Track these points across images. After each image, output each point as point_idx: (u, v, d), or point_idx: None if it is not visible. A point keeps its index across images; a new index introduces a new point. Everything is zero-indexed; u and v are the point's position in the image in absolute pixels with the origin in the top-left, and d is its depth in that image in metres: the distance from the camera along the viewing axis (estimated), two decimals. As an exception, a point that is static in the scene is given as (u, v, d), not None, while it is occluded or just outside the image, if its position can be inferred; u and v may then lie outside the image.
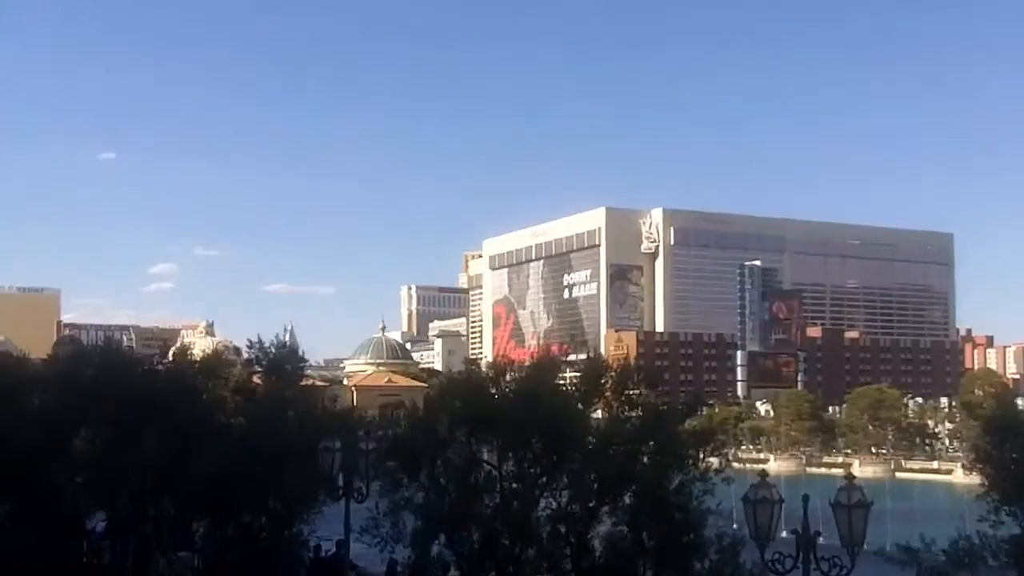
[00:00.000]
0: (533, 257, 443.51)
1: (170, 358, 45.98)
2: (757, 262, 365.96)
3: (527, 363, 34.69)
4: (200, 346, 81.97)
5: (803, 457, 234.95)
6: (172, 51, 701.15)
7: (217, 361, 45.10)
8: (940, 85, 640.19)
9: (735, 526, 28.16)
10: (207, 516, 38.60)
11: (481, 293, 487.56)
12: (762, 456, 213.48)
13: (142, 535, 39.67)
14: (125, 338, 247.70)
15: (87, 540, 42.41)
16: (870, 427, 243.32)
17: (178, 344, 72.50)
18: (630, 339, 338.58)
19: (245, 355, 44.94)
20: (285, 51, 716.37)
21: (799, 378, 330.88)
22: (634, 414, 32.21)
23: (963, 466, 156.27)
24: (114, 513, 40.79)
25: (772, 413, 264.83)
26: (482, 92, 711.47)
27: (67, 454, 39.47)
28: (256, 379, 42.10)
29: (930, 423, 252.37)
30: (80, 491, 39.59)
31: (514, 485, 30.97)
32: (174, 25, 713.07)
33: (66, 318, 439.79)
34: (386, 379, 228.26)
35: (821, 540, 24.49)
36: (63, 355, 50.02)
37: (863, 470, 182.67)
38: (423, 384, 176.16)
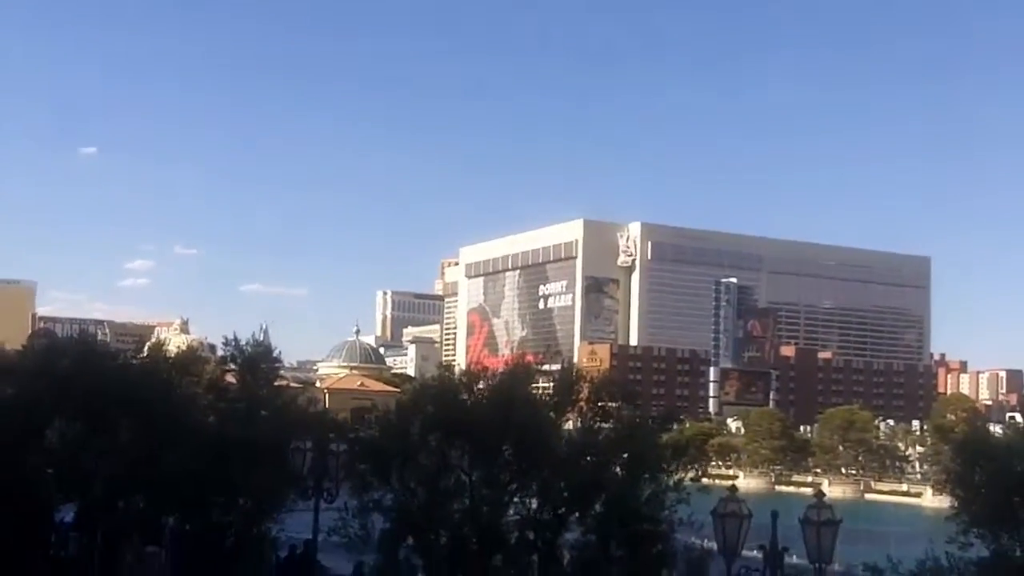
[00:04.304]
0: (509, 266, 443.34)
1: (144, 354, 45.86)
2: (733, 279, 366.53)
3: (501, 370, 34.75)
4: (174, 343, 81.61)
5: (773, 475, 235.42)
6: (157, 50, 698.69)
7: (191, 358, 45.02)
8: (920, 108, 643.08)
9: (705, 540, 28.27)
10: (176, 511, 38.57)
11: (456, 300, 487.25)
12: (732, 473, 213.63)
13: (110, 528, 39.52)
14: (100, 332, 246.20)
15: (55, 532, 42.22)
16: (841, 448, 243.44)
17: (153, 340, 72.18)
18: (604, 352, 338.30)
19: (220, 353, 44.83)
20: (266, 56, 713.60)
21: (771, 396, 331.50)
22: (607, 426, 32.28)
23: (933, 488, 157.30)
24: (83, 505, 40.65)
25: (743, 430, 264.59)
26: (462, 102, 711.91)
27: (39, 445, 39.34)
28: (230, 377, 42.02)
29: (901, 446, 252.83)
30: (50, 482, 39.43)
31: (484, 491, 31.02)
32: (158, 23, 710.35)
33: (41, 311, 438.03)
34: (359, 383, 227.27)
35: (794, 559, 24.60)
36: (37, 347, 49.71)
37: (832, 490, 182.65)
38: (396, 389, 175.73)
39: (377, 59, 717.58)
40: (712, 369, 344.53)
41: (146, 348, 47.71)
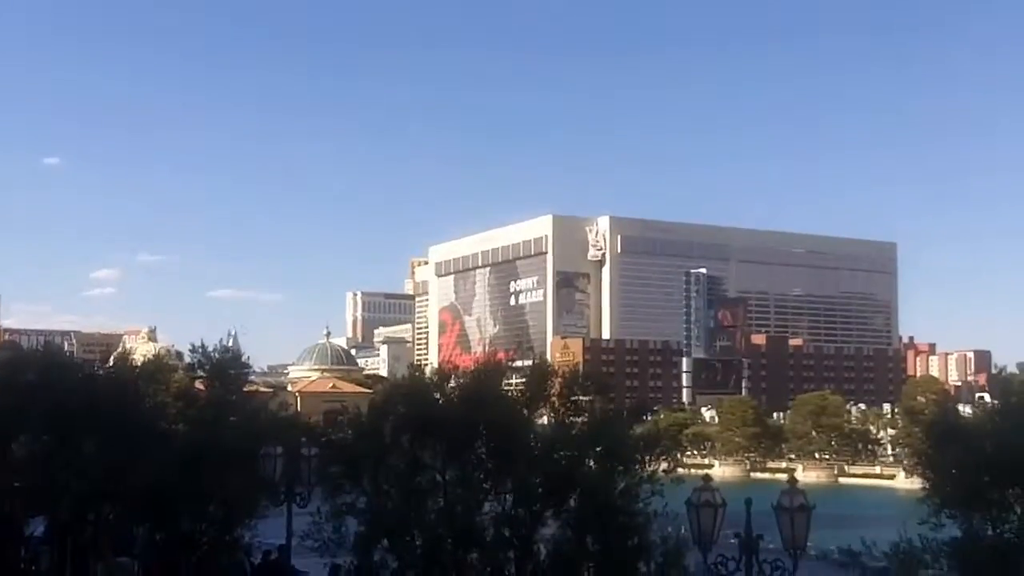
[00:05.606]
0: (480, 264, 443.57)
1: (111, 363, 45.49)
2: (703, 270, 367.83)
3: (472, 368, 34.57)
4: (142, 352, 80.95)
5: (747, 463, 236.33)
6: (119, 55, 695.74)
7: (158, 366, 44.61)
8: (885, 97, 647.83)
9: (683, 531, 28.16)
10: (147, 522, 38.23)
11: (427, 299, 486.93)
12: (707, 462, 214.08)
13: (81, 541, 39.18)
14: (66, 344, 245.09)
15: (25, 546, 41.84)
16: (813, 433, 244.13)
17: (119, 350, 71.67)
18: (576, 346, 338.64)
19: (188, 360, 44.49)
20: (231, 56, 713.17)
21: (743, 385, 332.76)
22: (580, 420, 32.16)
23: (905, 470, 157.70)
24: (53, 518, 40.30)
25: (717, 419, 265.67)
26: (430, 99, 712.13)
27: (6, 459, 38.98)
28: (199, 385, 41.69)
29: (872, 429, 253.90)
30: (19, 496, 39.09)
31: (458, 490, 30.84)
32: (120, 29, 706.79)
33: (6, 323, 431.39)
34: (330, 385, 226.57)
35: (771, 545, 24.55)
36: (2, 360, 49.25)
37: (806, 475, 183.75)
38: (368, 390, 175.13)
39: (343, 60, 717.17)
40: (684, 359, 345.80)
41: (112, 358, 47.34)
